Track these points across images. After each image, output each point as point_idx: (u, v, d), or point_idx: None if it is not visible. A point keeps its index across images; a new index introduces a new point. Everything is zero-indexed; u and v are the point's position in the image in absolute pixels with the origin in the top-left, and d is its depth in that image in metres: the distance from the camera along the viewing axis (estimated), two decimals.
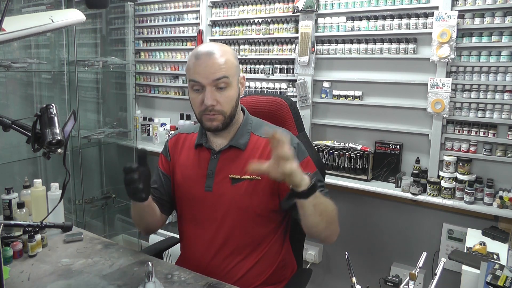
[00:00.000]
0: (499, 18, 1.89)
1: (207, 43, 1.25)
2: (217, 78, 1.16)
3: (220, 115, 1.19)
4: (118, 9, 3.14)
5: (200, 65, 1.16)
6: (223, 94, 1.18)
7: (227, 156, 1.25)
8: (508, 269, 1.28)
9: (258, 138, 1.26)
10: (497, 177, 1.97)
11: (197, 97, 1.19)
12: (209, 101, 1.16)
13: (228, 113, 1.20)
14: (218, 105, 1.18)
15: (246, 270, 1.23)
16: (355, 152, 2.26)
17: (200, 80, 1.16)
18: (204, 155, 1.29)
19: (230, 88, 1.19)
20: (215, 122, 1.20)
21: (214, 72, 1.15)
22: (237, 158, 1.24)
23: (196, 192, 1.27)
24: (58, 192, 1.49)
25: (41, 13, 1.52)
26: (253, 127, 1.29)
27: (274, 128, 1.30)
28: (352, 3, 2.26)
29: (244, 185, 1.22)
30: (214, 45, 1.21)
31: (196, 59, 1.18)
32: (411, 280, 0.96)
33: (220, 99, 1.18)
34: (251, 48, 2.67)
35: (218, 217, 1.24)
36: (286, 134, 1.22)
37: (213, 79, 1.16)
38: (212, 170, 1.25)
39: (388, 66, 2.24)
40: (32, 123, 1.05)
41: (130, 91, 3.14)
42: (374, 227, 2.31)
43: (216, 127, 1.21)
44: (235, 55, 1.24)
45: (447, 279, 1.93)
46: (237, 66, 1.22)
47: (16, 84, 2.84)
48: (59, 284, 1.11)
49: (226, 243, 1.23)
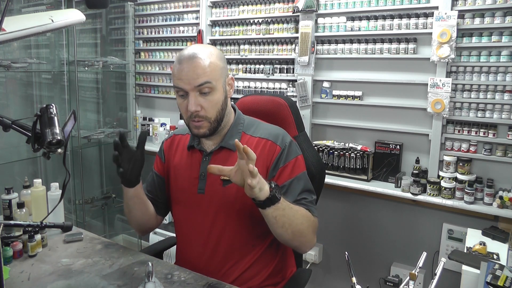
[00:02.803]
0: (499, 18, 1.89)
1: (192, 45, 1.22)
2: (199, 84, 1.13)
3: (205, 121, 1.17)
4: (118, 9, 3.14)
5: (183, 70, 1.14)
6: (207, 99, 1.15)
7: (218, 157, 1.24)
8: (508, 269, 1.28)
9: (249, 137, 1.25)
10: (497, 177, 1.97)
11: (182, 103, 1.17)
12: (193, 107, 1.14)
13: (213, 118, 1.18)
14: (203, 111, 1.15)
15: (240, 272, 1.23)
16: (355, 152, 2.26)
17: (182, 86, 1.14)
18: (196, 156, 1.28)
19: (214, 92, 1.16)
20: (201, 129, 1.18)
21: (196, 77, 1.12)
22: (228, 159, 1.22)
23: (189, 194, 1.27)
24: (58, 192, 1.49)
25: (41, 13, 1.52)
26: (245, 126, 1.28)
27: (267, 126, 1.29)
28: (352, 3, 2.26)
29: (235, 186, 1.20)
30: (198, 48, 1.17)
31: (179, 63, 1.15)
32: (411, 280, 0.96)
33: (204, 104, 1.15)
34: (251, 48, 2.67)
35: (210, 219, 1.23)
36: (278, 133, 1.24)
37: (195, 85, 1.13)
38: (204, 173, 1.24)
39: (388, 66, 2.24)
40: (32, 123, 1.05)
41: (130, 91, 3.14)
42: (374, 227, 2.31)
43: (203, 134, 1.19)
44: (221, 56, 1.21)
45: (447, 279, 1.93)
46: (222, 68, 1.19)
47: (16, 84, 2.84)
48: (59, 284, 1.11)
49: (219, 245, 1.23)
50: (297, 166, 1.23)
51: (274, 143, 1.22)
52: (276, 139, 1.23)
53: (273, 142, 1.22)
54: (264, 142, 1.23)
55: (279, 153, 1.21)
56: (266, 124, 1.31)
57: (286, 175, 1.20)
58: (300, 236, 1.14)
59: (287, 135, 1.27)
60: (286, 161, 1.21)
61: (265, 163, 1.21)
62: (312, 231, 1.17)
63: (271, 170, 1.20)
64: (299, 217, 1.12)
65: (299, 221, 1.12)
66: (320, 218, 1.42)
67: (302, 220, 1.13)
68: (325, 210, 2.38)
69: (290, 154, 1.23)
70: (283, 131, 1.29)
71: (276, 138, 1.23)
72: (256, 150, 1.20)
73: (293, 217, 1.10)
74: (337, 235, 2.44)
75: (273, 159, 1.21)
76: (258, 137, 1.24)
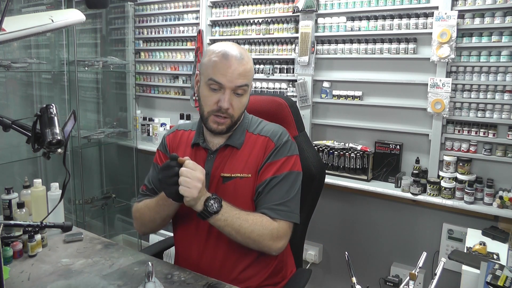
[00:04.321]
0: (499, 18, 1.89)
1: (230, 43, 1.22)
2: (240, 84, 1.17)
3: (229, 119, 1.20)
4: (118, 9, 3.14)
5: (229, 67, 1.16)
6: (239, 100, 1.20)
7: (223, 154, 1.26)
8: (508, 269, 1.28)
9: (251, 134, 1.28)
10: (497, 177, 1.97)
11: (212, 95, 1.19)
12: (226, 104, 1.17)
13: (237, 118, 1.22)
14: (231, 109, 1.19)
15: (239, 272, 1.23)
16: (355, 152, 2.25)
17: (222, 81, 1.16)
18: (200, 154, 1.29)
19: (246, 95, 1.22)
20: (222, 126, 1.21)
21: (238, 78, 1.16)
22: (232, 157, 1.25)
23: None
24: (58, 192, 1.49)
25: (41, 13, 1.52)
26: (249, 125, 1.30)
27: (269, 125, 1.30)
28: (352, 3, 2.26)
29: (232, 184, 1.22)
30: (241, 49, 1.21)
31: (225, 59, 1.16)
32: (411, 280, 0.96)
33: (234, 104, 1.19)
34: (251, 48, 2.67)
35: None
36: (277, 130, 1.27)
37: (236, 85, 1.17)
38: (208, 171, 1.25)
39: (388, 66, 2.24)
40: (32, 123, 1.05)
41: (130, 91, 3.14)
42: (374, 227, 2.31)
43: (221, 130, 1.22)
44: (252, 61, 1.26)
45: (447, 279, 1.93)
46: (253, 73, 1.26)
47: (16, 84, 2.84)
48: (59, 284, 1.11)
49: (219, 244, 1.23)
50: (285, 165, 1.23)
51: (271, 140, 1.25)
52: (273, 136, 1.26)
53: (270, 139, 1.25)
54: (263, 139, 1.26)
55: (272, 150, 1.23)
56: (268, 123, 1.33)
57: (270, 171, 1.21)
58: (253, 243, 1.15)
59: (285, 134, 1.28)
60: (275, 158, 1.22)
61: (259, 158, 1.23)
62: (269, 238, 1.16)
63: (261, 165, 1.23)
64: (248, 226, 1.13)
65: (248, 230, 1.13)
66: (320, 218, 1.42)
67: (252, 229, 1.13)
68: (325, 210, 2.38)
69: (282, 152, 1.24)
70: (283, 129, 1.30)
71: (273, 135, 1.26)
72: (255, 147, 1.24)
73: (239, 226, 1.12)
74: (337, 235, 2.43)
75: (265, 155, 1.23)
76: (258, 134, 1.27)
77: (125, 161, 3.13)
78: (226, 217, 1.11)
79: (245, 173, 1.22)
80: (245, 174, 1.22)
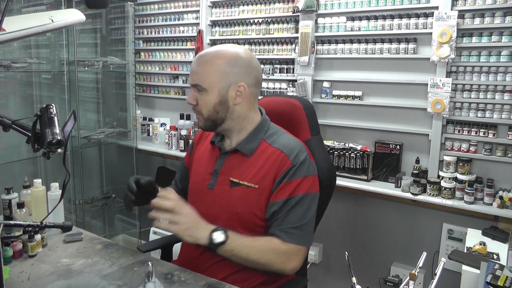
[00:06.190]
0: (499, 18, 1.89)
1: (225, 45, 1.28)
2: (192, 83, 1.22)
3: (200, 116, 1.24)
4: (118, 9, 3.14)
5: (192, 64, 1.24)
6: (201, 98, 1.21)
7: (233, 158, 1.26)
8: (508, 269, 1.28)
9: (267, 146, 1.24)
10: (497, 177, 1.97)
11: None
12: (188, 99, 1.23)
13: (205, 116, 1.22)
14: (198, 106, 1.22)
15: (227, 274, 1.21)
16: (355, 152, 2.25)
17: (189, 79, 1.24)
18: (215, 152, 1.32)
19: (206, 93, 1.20)
20: (200, 122, 1.26)
21: (192, 75, 1.22)
22: (241, 163, 1.24)
23: (201, 187, 1.30)
24: (58, 192, 1.49)
25: (41, 13, 1.52)
26: (267, 134, 1.26)
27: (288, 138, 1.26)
28: (352, 3, 2.26)
29: (240, 190, 1.21)
30: (213, 50, 1.23)
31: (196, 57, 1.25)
32: (411, 280, 0.96)
33: (198, 101, 1.22)
34: (251, 48, 2.67)
35: (211, 216, 1.22)
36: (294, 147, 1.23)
37: (191, 83, 1.22)
38: (217, 170, 1.27)
39: (388, 66, 2.24)
40: (32, 123, 1.05)
41: (130, 91, 3.14)
42: (374, 227, 2.31)
43: (200, 127, 1.27)
44: (235, 61, 1.19)
45: (447, 279, 1.93)
46: (228, 73, 1.18)
47: (16, 84, 2.84)
48: (59, 284, 1.11)
49: None
50: (302, 186, 1.19)
51: (287, 156, 1.20)
52: (290, 153, 1.20)
53: (286, 156, 1.20)
54: (279, 153, 1.21)
55: (288, 168, 1.19)
56: (288, 135, 1.29)
57: (286, 192, 1.18)
58: (264, 267, 1.17)
59: (303, 152, 1.23)
60: (292, 177, 1.18)
61: (274, 174, 1.20)
62: (280, 261, 1.16)
63: (276, 182, 1.19)
64: (255, 253, 1.14)
65: (256, 256, 1.15)
66: (320, 218, 1.41)
67: (261, 255, 1.15)
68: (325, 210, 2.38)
69: (300, 172, 1.19)
70: (301, 146, 1.25)
71: (290, 152, 1.21)
72: (269, 159, 1.21)
73: (246, 254, 1.14)
74: (337, 235, 2.43)
75: (280, 172, 1.19)
76: (275, 147, 1.23)
77: (125, 161, 3.13)
78: (233, 246, 1.12)
79: (253, 183, 1.20)
80: (252, 184, 1.20)
